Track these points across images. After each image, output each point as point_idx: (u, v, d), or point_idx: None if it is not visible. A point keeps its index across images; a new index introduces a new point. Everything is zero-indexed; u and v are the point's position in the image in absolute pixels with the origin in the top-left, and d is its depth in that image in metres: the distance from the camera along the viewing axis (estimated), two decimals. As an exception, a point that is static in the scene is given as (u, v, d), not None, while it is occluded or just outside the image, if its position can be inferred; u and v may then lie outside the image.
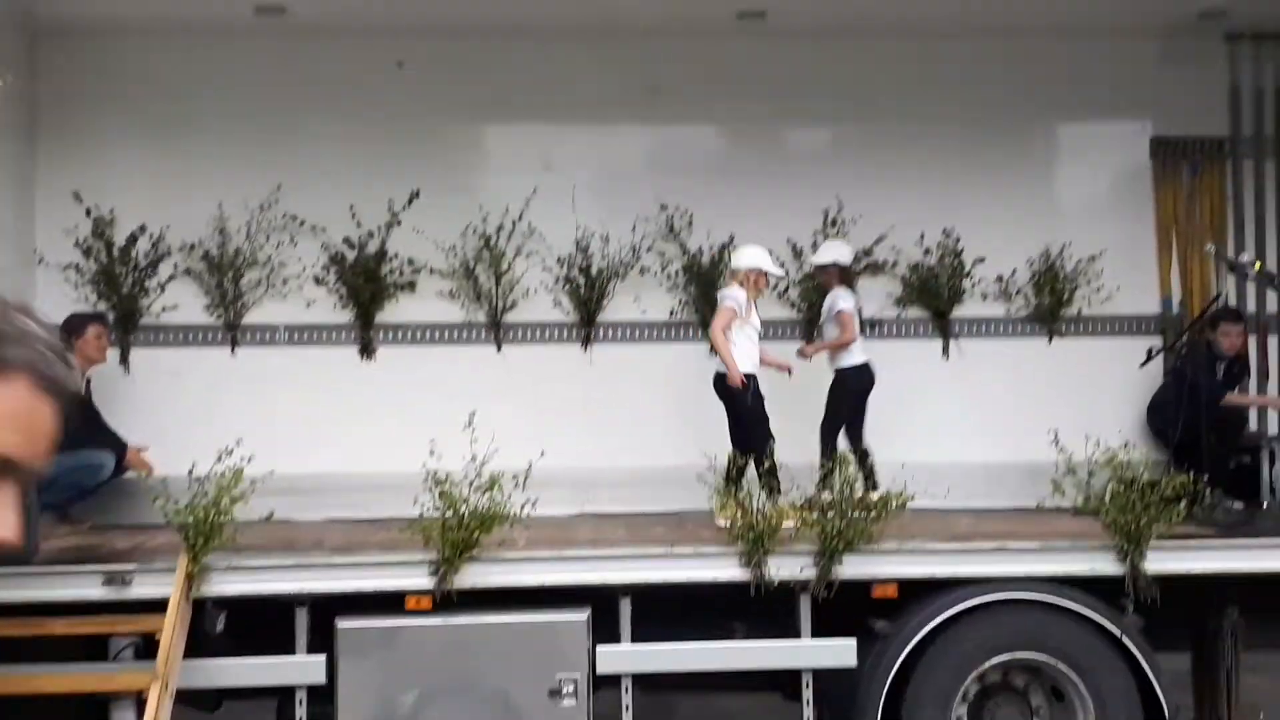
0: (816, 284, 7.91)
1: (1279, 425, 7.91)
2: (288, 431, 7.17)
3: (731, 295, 6.97)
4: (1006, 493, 7.12)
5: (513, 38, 7.83)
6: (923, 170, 8.00)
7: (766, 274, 7.07)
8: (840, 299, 7.28)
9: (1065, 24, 7.83)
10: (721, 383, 6.87)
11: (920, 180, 8.01)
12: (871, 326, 7.97)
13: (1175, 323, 7.97)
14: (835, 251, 7.47)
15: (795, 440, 6.58)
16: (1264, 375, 8.04)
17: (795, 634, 5.86)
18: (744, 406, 6.84)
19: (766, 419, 6.85)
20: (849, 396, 7.27)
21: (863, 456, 7.09)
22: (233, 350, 7.76)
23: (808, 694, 5.84)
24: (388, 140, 7.88)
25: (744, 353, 6.89)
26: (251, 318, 7.76)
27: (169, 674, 5.29)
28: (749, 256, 7.06)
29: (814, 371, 7.38)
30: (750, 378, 6.87)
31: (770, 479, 6.46)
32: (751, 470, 6.54)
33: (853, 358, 7.27)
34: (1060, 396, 7.46)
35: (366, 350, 7.83)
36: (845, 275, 7.42)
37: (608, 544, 6.11)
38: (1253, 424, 7.89)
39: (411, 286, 7.86)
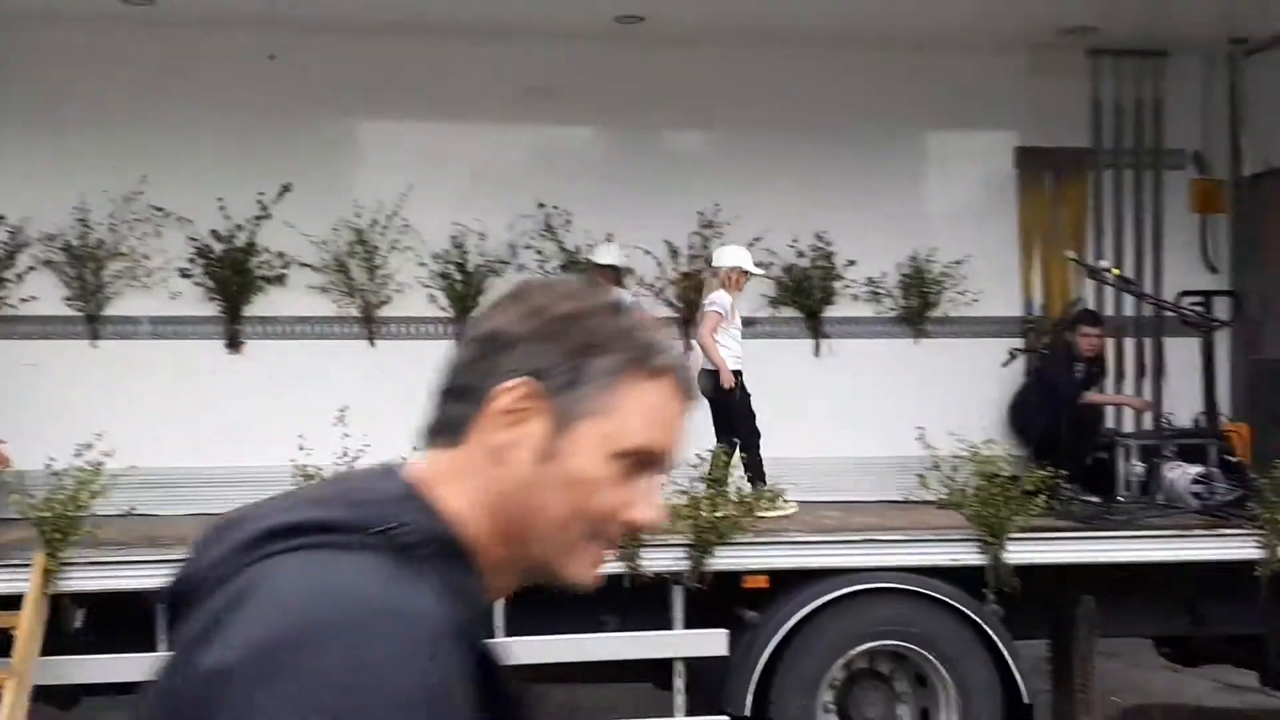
0: (692, 285, 8.00)
1: (1134, 423, 8.21)
2: (151, 425, 7.00)
3: (716, 300, 7.12)
4: (874, 487, 7.26)
5: (388, 33, 7.77)
6: (797, 175, 8.13)
7: (747, 272, 7.18)
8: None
9: (936, 37, 8.04)
10: (708, 382, 6.93)
11: (794, 185, 8.13)
12: (746, 325, 8.07)
13: (1036, 325, 8.21)
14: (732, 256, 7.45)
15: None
16: (1120, 376, 8.34)
17: (668, 625, 5.91)
18: (733, 404, 6.98)
19: (753, 414, 7.04)
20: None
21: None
22: (94, 342, 7.54)
23: (679, 683, 5.90)
24: (258, 133, 7.75)
25: (730, 353, 7.08)
26: (113, 309, 7.56)
27: (25, 671, 5.13)
28: (729, 256, 7.22)
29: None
30: (737, 374, 7.04)
31: (757, 470, 6.74)
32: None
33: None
34: (926, 395, 7.64)
35: (234, 343, 7.68)
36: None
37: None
38: (1109, 422, 8.17)
39: (281, 280, 7.73)
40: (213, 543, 1.28)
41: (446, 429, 1.35)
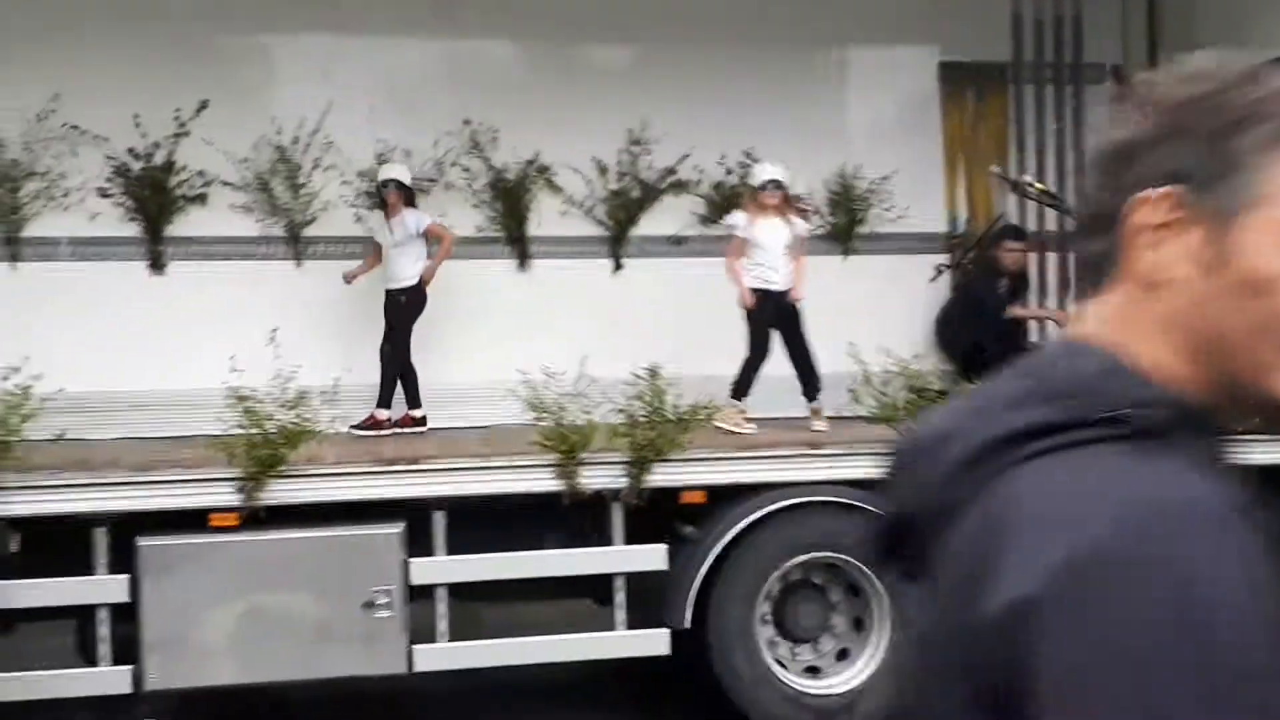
0: (621, 204, 7.99)
1: (1057, 337, 8.38)
2: (75, 349, 6.84)
3: (732, 222, 7.23)
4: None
5: (306, -56, 7.58)
6: (723, 92, 8.10)
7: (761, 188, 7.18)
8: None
9: (860, -50, 8.05)
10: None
11: (721, 101, 8.10)
12: (677, 244, 8.11)
13: (962, 241, 8.33)
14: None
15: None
16: (1043, 291, 8.51)
17: (608, 541, 5.98)
18: (753, 319, 7.13)
19: (767, 335, 7.15)
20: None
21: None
22: (12, 264, 7.34)
23: (620, 598, 5.98)
24: (174, 47, 7.53)
25: (752, 275, 7.17)
26: (31, 230, 7.35)
27: (-42, 598, 5.05)
28: (755, 173, 7.28)
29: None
30: (767, 293, 7.14)
31: (741, 386, 6.98)
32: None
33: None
34: (855, 311, 7.72)
35: (156, 265, 7.52)
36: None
37: (421, 459, 6.06)
38: (1033, 336, 8.34)
39: (203, 199, 7.57)
40: (916, 468, 1.15)
41: (1094, 272, 1.16)
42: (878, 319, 7.67)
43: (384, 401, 7.21)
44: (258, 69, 7.93)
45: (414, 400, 7.32)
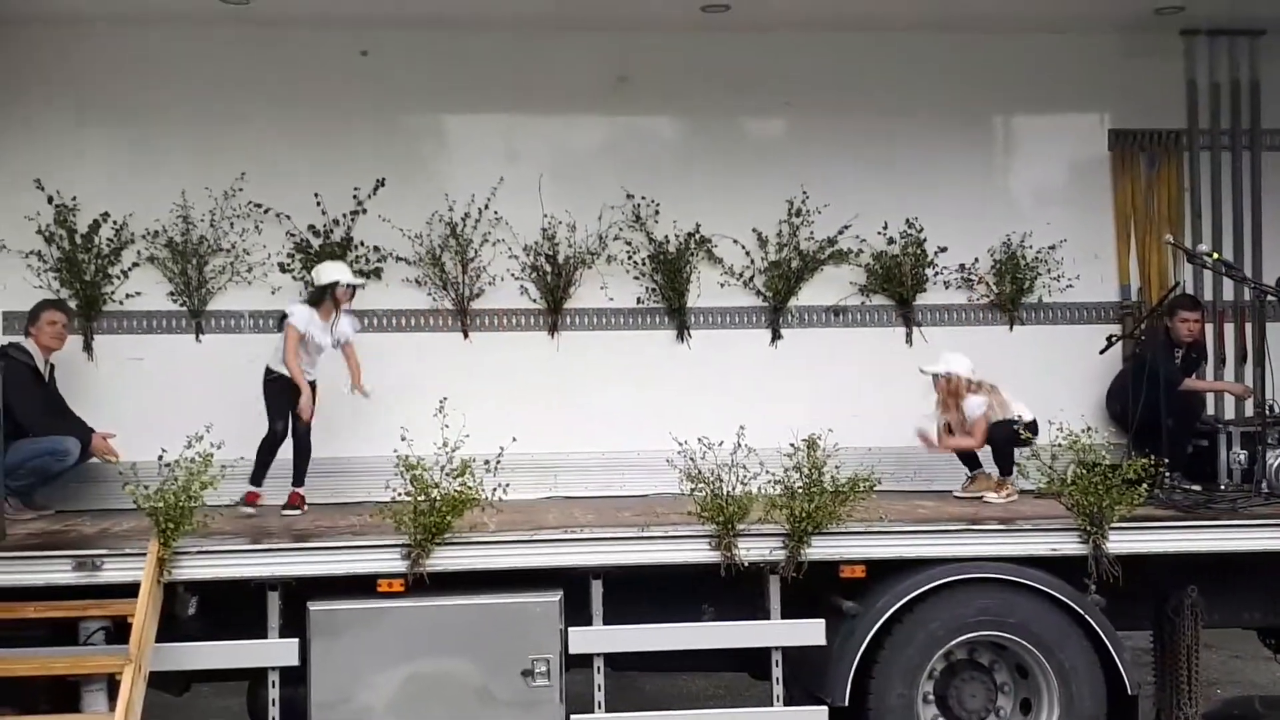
0: (781, 274, 8.01)
1: (1234, 410, 8.07)
2: (253, 417, 7.12)
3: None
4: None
5: (478, 28, 7.86)
6: (886, 161, 8.09)
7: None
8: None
9: (1026, 18, 7.96)
10: None
11: (884, 171, 8.10)
12: (836, 314, 8.08)
13: (1134, 310, 8.10)
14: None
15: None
16: (1220, 361, 8.20)
17: (764, 614, 5.94)
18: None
19: None
20: None
21: None
22: (197, 337, 7.71)
23: (777, 673, 5.93)
24: (352, 129, 7.87)
25: None
26: (216, 304, 7.72)
27: (142, 656, 5.28)
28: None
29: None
30: None
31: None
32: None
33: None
34: (1021, 382, 7.55)
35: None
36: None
37: (579, 527, 6.13)
38: (1209, 409, 8.04)
39: (378, 274, 7.85)
40: None
41: None
42: (1045, 390, 7.53)
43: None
44: (431, 147, 8.20)
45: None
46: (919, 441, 7.31)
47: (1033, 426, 6.81)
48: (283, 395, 7.01)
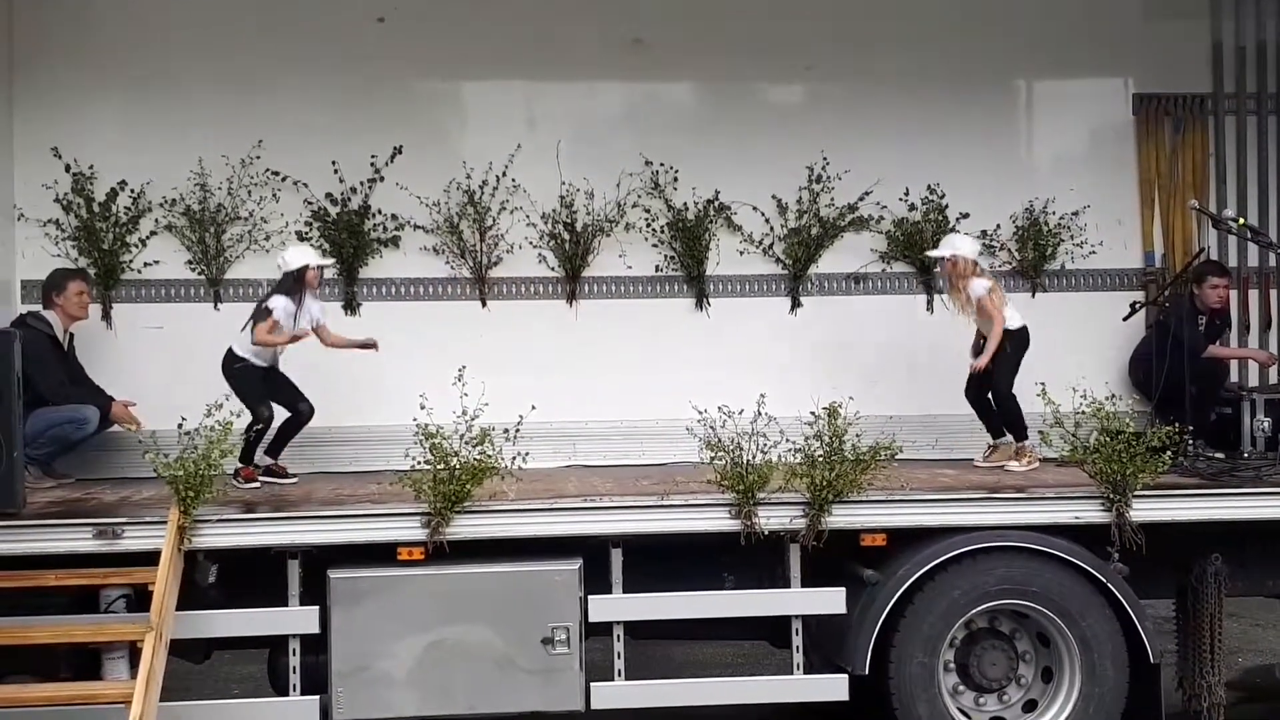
0: (800, 241, 7.96)
1: (1259, 377, 8.00)
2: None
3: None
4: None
5: (494, -7, 7.81)
6: (907, 126, 8.01)
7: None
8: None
9: (1049, -20, 7.89)
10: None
11: (905, 136, 8.01)
12: (856, 282, 8.03)
13: (1158, 277, 8.02)
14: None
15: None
16: (1244, 328, 8.13)
17: (784, 583, 5.93)
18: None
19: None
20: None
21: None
22: (216, 305, 7.70)
23: (797, 641, 5.92)
24: (369, 96, 7.81)
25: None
26: (234, 273, 7.70)
27: (163, 624, 5.30)
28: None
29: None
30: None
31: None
32: None
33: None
34: (1044, 349, 7.48)
35: (350, 305, 7.79)
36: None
37: (599, 495, 6.12)
38: (1233, 376, 7.97)
39: (395, 242, 7.82)
40: None
41: None
42: (1069, 358, 7.49)
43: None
44: (448, 115, 8.15)
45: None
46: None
47: (1021, 335, 6.89)
48: (255, 379, 6.86)
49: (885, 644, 5.85)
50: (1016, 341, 7.01)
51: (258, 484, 6.71)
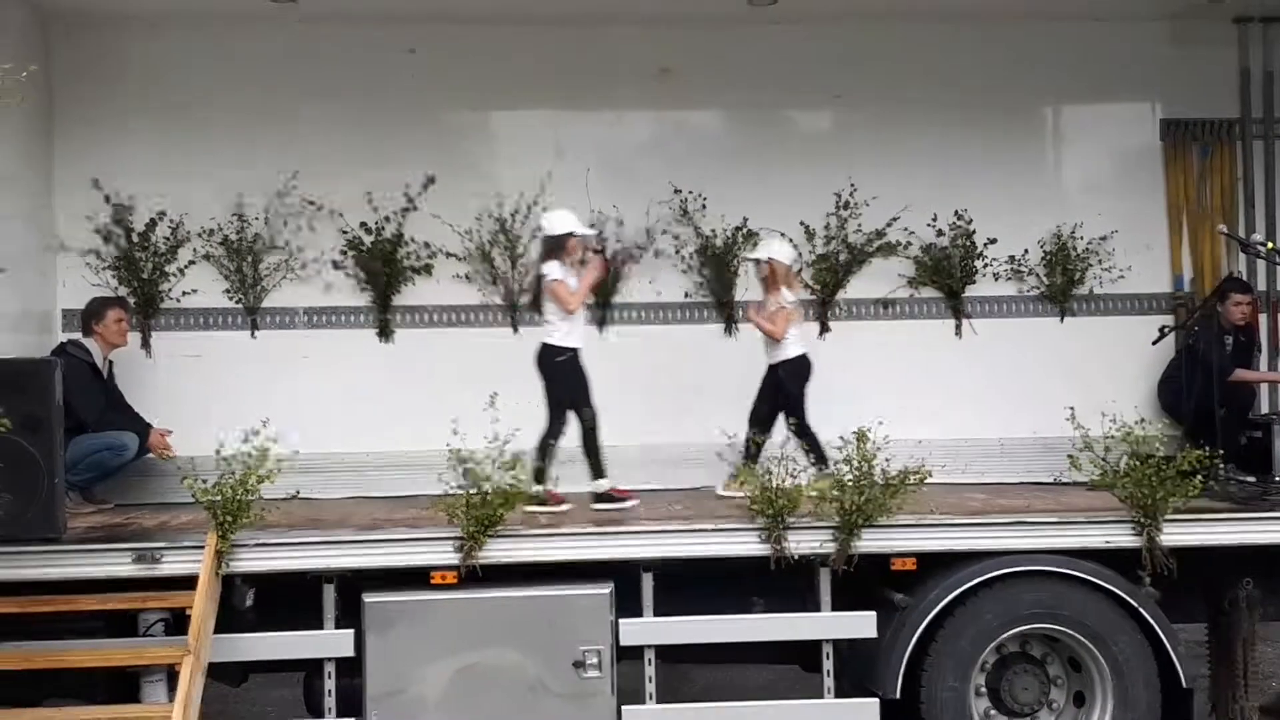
0: (829, 267, 8.00)
1: (1289, 402, 7.99)
2: (308, 412, 7.23)
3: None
4: (1020, 469, 7.19)
5: (524, 24, 7.89)
6: (934, 153, 8.06)
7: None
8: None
9: (1075, 7, 7.91)
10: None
11: (932, 162, 8.06)
12: (885, 306, 8.07)
13: (1186, 301, 8.03)
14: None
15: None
16: (1274, 352, 8.11)
17: (815, 607, 5.95)
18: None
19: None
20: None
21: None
22: (253, 333, 7.81)
23: (828, 665, 5.94)
24: (402, 126, 7.92)
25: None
26: (271, 301, 7.81)
27: (200, 648, 5.36)
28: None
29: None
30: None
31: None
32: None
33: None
34: (1073, 374, 7.52)
35: (384, 332, 7.89)
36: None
37: (629, 520, 6.16)
38: (1263, 402, 7.95)
39: (428, 270, 7.92)
40: None
41: None
42: (1098, 382, 7.50)
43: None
44: (480, 144, 8.26)
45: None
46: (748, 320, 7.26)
47: (799, 363, 7.07)
48: (581, 371, 6.79)
49: (916, 668, 5.86)
50: (795, 369, 7.07)
51: (618, 504, 6.62)
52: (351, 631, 5.75)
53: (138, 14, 7.67)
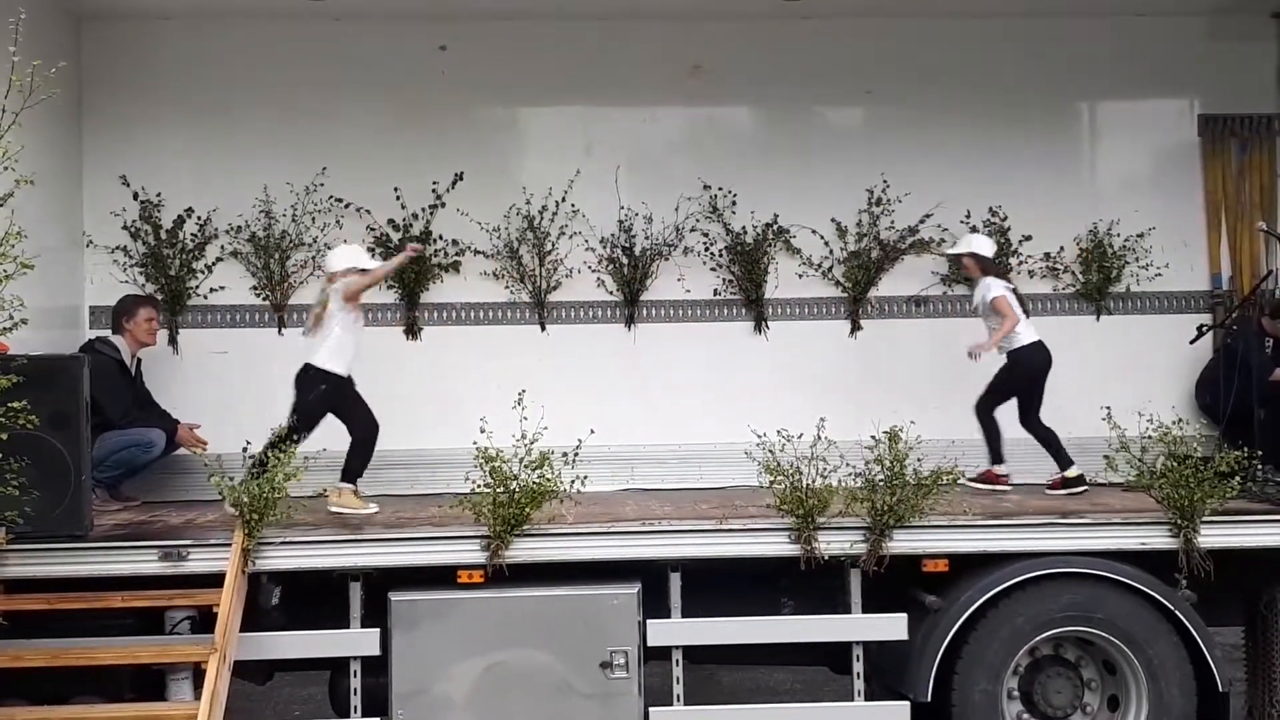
0: (860, 264, 7.93)
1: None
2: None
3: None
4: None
5: (554, 21, 7.87)
6: (968, 148, 7.98)
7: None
8: (990, 288, 7.14)
9: (1113, 3, 7.82)
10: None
11: (965, 158, 7.99)
12: (917, 304, 7.99)
13: (1225, 299, 7.91)
14: (974, 243, 7.37)
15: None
16: (1315, 351, 7.98)
17: (845, 608, 5.88)
18: None
19: None
20: (1022, 378, 7.13)
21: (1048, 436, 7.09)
22: (280, 331, 7.81)
23: (858, 667, 5.86)
24: (431, 123, 7.90)
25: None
26: (298, 298, 7.79)
27: (227, 645, 5.34)
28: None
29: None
30: None
31: None
32: None
33: (1021, 338, 7.11)
34: (1109, 373, 7.42)
35: (412, 330, 7.87)
36: (987, 265, 7.29)
37: (658, 519, 6.11)
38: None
39: (456, 267, 7.89)
40: None
41: None
42: (1134, 381, 7.42)
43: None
44: (509, 141, 8.22)
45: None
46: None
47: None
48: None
49: (948, 671, 5.78)
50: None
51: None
52: (377, 630, 5.72)
53: (167, 11, 7.68)
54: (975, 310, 7.31)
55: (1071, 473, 6.96)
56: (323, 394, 6.52)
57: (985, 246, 7.35)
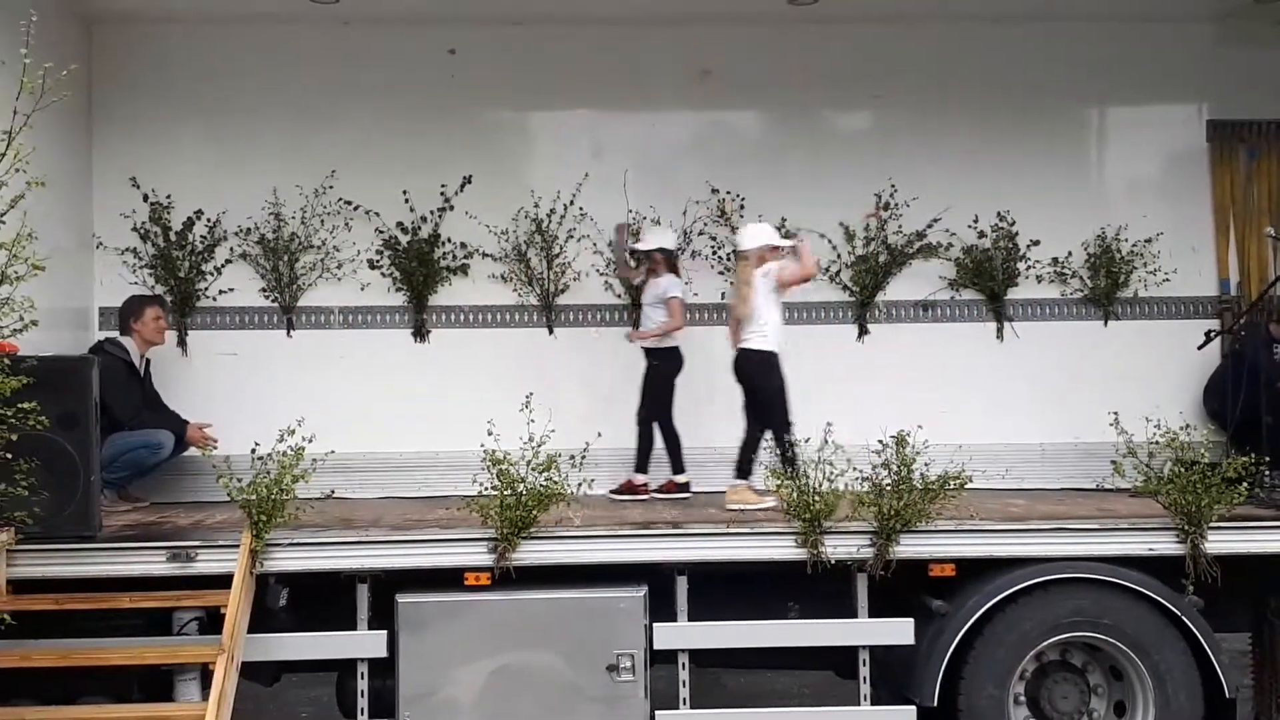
0: (868, 268, 7.93)
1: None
2: (343, 411, 7.23)
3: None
4: (1062, 474, 7.10)
5: (562, 25, 7.88)
6: (977, 153, 7.99)
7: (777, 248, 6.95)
8: (671, 288, 7.29)
9: (1121, 8, 7.82)
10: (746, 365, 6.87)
11: (973, 163, 8.00)
12: (925, 309, 7.99)
13: (1233, 305, 7.90)
14: (660, 238, 7.43)
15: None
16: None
17: (851, 612, 5.87)
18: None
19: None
20: (669, 376, 7.32)
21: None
22: (288, 332, 7.83)
23: (864, 672, 5.86)
24: (439, 126, 7.93)
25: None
26: (307, 300, 7.83)
27: (235, 647, 5.36)
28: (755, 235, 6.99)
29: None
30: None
31: (789, 455, 6.53)
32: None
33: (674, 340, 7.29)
34: (1116, 379, 7.41)
35: (420, 332, 7.89)
36: (671, 262, 7.40)
37: (664, 523, 6.11)
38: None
39: (464, 270, 7.91)
40: None
41: None
42: (1142, 386, 7.41)
43: (641, 466, 7.31)
44: (518, 145, 8.24)
45: (677, 466, 7.38)
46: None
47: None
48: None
49: (954, 676, 5.77)
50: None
51: None
52: (385, 632, 5.73)
53: (177, 15, 7.71)
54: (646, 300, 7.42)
55: (680, 479, 7.25)
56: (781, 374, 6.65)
57: (671, 241, 7.44)
